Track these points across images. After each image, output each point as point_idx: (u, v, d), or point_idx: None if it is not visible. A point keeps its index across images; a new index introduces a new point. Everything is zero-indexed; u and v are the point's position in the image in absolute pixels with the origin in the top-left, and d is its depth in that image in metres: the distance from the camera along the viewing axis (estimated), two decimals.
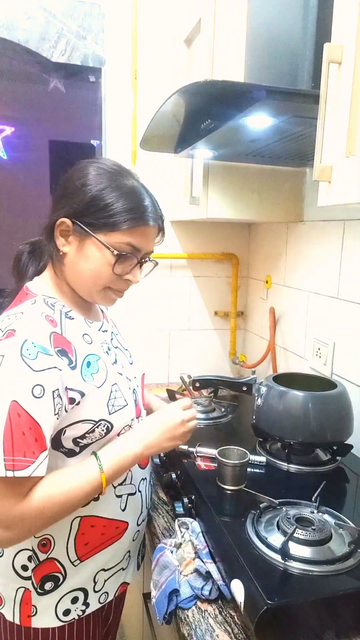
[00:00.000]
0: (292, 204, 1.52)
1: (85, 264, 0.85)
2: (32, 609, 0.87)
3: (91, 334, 0.91)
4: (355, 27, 0.67)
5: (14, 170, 1.73)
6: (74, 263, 0.86)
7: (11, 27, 1.56)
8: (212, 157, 1.35)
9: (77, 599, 0.90)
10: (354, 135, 0.69)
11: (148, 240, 0.88)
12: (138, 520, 0.97)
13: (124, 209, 0.82)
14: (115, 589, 0.96)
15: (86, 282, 0.87)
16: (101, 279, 0.86)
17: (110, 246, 0.83)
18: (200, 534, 0.90)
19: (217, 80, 0.88)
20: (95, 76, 1.72)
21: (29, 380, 0.74)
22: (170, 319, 1.90)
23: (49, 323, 0.81)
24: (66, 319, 0.86)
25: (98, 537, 0.90)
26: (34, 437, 0.74)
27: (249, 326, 1.98)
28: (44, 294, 0.87)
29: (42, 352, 0.76)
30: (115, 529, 0.92)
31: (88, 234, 0.83)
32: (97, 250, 0.83)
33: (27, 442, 0.74)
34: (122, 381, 0.91)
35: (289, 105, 0.89)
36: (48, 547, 0.86)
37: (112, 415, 0.86)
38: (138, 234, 0.84)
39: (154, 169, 1.74)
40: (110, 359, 0.92)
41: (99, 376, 0.85)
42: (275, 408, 1.09)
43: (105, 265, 0.84)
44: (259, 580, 0.71)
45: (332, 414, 1.08)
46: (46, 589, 0.87)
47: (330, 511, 0.88)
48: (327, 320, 1.38)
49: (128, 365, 0.99)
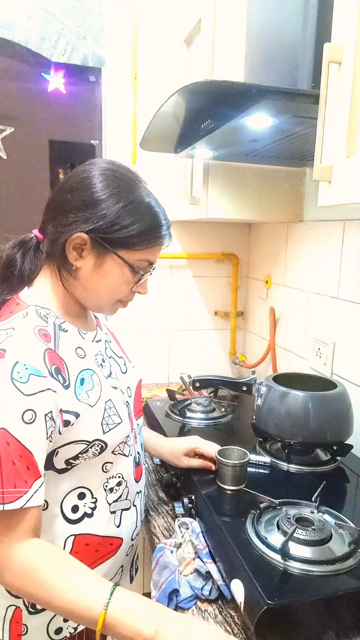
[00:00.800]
0: (292, 204, 1.52)
1: (103, 280, 0.83)
2: (22, 627, 0.83)
3: (85, 347, 0.87)
4: (355, 27, 0.67)
5: (14, 170, 1.73)
6: (89, 279, 0.83)
7: (11, 27, 1.56)
8: (212, 157, 1.35)
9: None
10: (354, 135, 0.69)
11: (159, 253, 0.88)
12: (132, 535, 0.94)
13: (149, 227, 0.82)
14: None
15: (101, 298, 0.86)
16: (118, 294, 0.86)
17: (133, 265, 0.83)
18: (200, 534, 0.90)
19: (217, 80, 0.88)
20: (95, 76, 1.72)
21: (19, 406, 0.70)
22: (170, 319, 1.90)
23: (42, 339, 0.77)
24: (60, 332, 0.83)
25: (92, 555, 0.86)
26: (26, 465, 0.70)
27: (249, 326, 1.98)
28: (36, 304, 0.82)
29: (34, 375, 0.72)
30: (110, 545, 0.89)
31: (109, 251, 0.81)
32: (117, 268, 0.82)
33: (18, 472, 0.70)
34: (116, 396, 0.88)
35: (289, 105, 0.89)
36: None
37: (106, 435, 0.82)
38: (155, 250, 0.86)
39: (154, 169, 1.74)
40: (104, 372, 0.89)
41: (94, 393, 0.82)
42: (275, 408, 1.09)
43: (125, 282, 0.84)
44: (259, 580, 0.71)
45: (332, 414, 1.08)
46: (38, 608, 0.83)
47: (330, 511, 0.88)
48: (327, 320, 1.38)
49: (121, 375, 0.95)
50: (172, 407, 1.41)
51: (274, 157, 1.32)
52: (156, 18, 1.67)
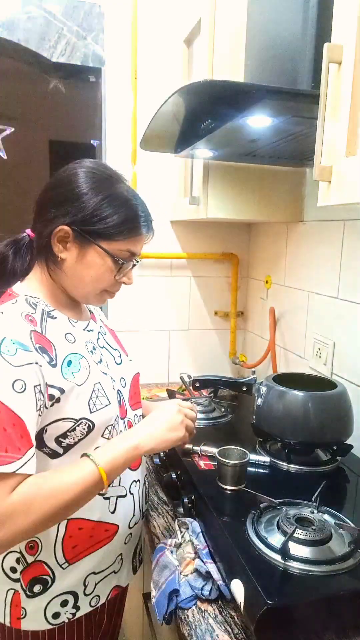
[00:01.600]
0: (292, 204, 1.52)
1: (87, 270, 0.87)
2: (21, 611, 0.87)
3: (74, 333, 0.90)
4: (355, 27, 0.67)
5: (14, 170, 1.73)
6: (74, 269, 0.87)
7: (11, 27, 1.56)
8: (212, 157, 1.35)
9: (67, 602, 0.89)
10: (354, 135, 0.69)
11: (142, 244, 0.92)
12: (130, 523, 0.96)
13: (126, 218, 0.86)
14: (107, 592, 0.95)
15: (86, 287, 0.89)
16: (102, 283, 0.89)
17: (112, 254, 0.86)
18: (200, 534, 0.90)
19: (217, 80, 0.88)
20: (95, 76, 1.72)
21: (8, 376, 0.74)
22: (170, 319, 1.91)
23: (28, 322, 0.81)
24: (48, 318, 0.87)
25: (86, 540, 0.89)
26: (19, 433, 0.73)
27: (249, 326, 1.98)
28: (26, 294, 0.88)
29: (21, 349, 0.76)
30: (105, 531, 0.91)
31: (91, 242, 0.85)
32: (99, 258, 0.86)
33: (10, 438, 0.72)
34: (105, 381, 0.91)
35: (289, 105, 0.89)
36: (35, 550, 0.85)
37: (93, 414, 0.85)
38: (135, 241, 0.89)
39: (154, 169, 1.74)
40: (94, 358, 0.92)
41: (80, 375, 0.85)
42: (275, 408, 1.09)
43: (107, 271, 0.88)
44: (259, 580, 0.71)
45: (332, 414, 1.08)
46: (35, 591, 0.86)
47: (330, 511, 0.88)
48: (327, 320, 1.38)
49: (114, 366, 0.98)
50: None
51: (274, 157, 1.32)
52: (156, 18, 1.67)
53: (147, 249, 1.75)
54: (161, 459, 1.20)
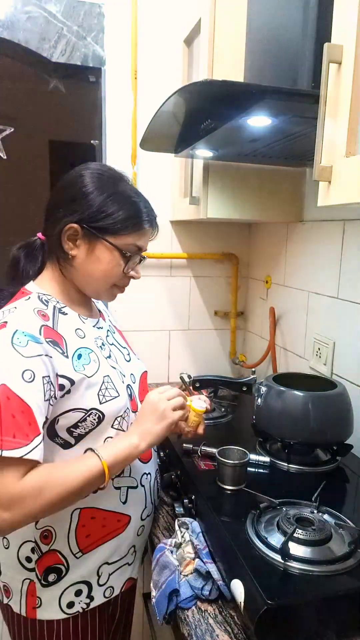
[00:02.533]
0: (292, 204, 1.52)
1: (96, 265, 0.91)
2: (36, 600, 0.89)
3: (84, 329, 0.94)
4: (355, 27, 0.67)
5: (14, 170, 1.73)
6: (84, 265, 0.91)
7: (11, 27, 1.56)
8: (212, 157, 1.34)
9: (81, 592, 0.91)
10: (354, 135, 0.69)
11: (147, 239, 0.96)
12: (142, 515, 0.98)
13: (131, 213, 0.90)
14: (122, 584, 0.97)
15: (97, 282, 0.93)
16: (112, 278, 0.93)
17: (120, 248, 0.90)
18: (200, 534, 0.90)
19: (217, 80, 0.88)
20: (95, 76, 1.72)
21: (18, 365, 0.77)
22: (170, 319, 1.90)
23: (40, 317, 0.85)
24: (59, 314, 0.90)
25: (99, 530, 0.91)
26: (27, 420, 0.76)
27: (249, 326, 1.98)
28: (39, 291, 0.92)
29: (32, 341, 0.80)
30: (117, 522, 0.93)
31: (98, 237, 0.89)
32: (108, 252, 0.90)
33: (18, 425, 0.75)
34: (114, 374, 0.93)
35: (289, 105, 0.89)
36: (50, 539, 0.88)
37: (102, 405, 0.87)
38: (141, 235, 0.92)
39: (154, 169, 1.74)
40: (104, 353, 0.95)
41: (90, 367, 0.88)
42: (275, 408, 1.09)
43: (116, 265, 0.91)
44: (259, 580, 0.71)
45: (332, 414, 1.08)
46: (49, 580, 0.89)
47: (330, 511, 0.88)
48: (327, 320, 1.38)
49: (124, 362, 1.01)
50: None
51: (274, 157, 1.32)
52: (156, 18, 1.67)
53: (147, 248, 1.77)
54: (161, 459, 1.20)
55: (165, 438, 1.24)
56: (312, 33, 0.91)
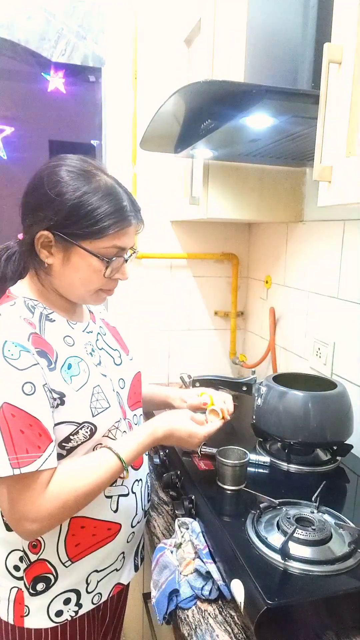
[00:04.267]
0: (292, 204, 1.52)
1: (74, 273, 0.84)
2: (24, 609, 0.87)
3: (74, 336, 0.90)
4: (355, 27, 0.67)
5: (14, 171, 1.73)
6: (62, 274, 0.85)
7: (11, 27, 1.56)
8: (212, 157, 1.35)
9: (70, 600, 0.89)
10: (354, 135, 0.69)
11: (131, 237, 0.87)
12: (132, 522, 0.96)
13: (106, 213, 0.81)
14: (109, 590, 0.96)
15: (78, 290, 0.87)
16: (92, 284, 0.86)
17: (98, 254, 0.83)
18: (200, 534, 0.90)
19: (217, 80, 0.88)
20: (95, 76, 1.72)
21: (17, 380, 0.75)
22: (170, 319, 1.90)
23: (28, 325, 0.81)
24: (46, 322, 0.86)
25: (89, 539, 0.89)
26: (37, 432, 0.76)
27: (249, 326, 1.98)
28: (25, 296, 0.87)
29: (24, 351, 0.77)
30: (107, 530, 0.91)
31: (72, 244, 0.82)
32: (83, 260, 0.83)
33: (29, 439, 0.74)
34: (105, 383, 0.90)
35: (289, 105, 0.89)
36: (38, 548, 0.86)
37: (95, 418, 0.85)
38: (122, 234, 0.84)
39: (154, 169, 1.74)
40: (94, 360, 0.91)
41: (79, 379, 0.85)
42: (275, 408, 1.09)
43: (95, 272, 0.84)
44: (259, 580, 0.71)
45: (332, 414, 1.08)
46: (38, 589, 0.87)
47: (330, 511, 0.88)
48: (327, 320, 1.38)
49: (113, 367, 0.97)
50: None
51: (274, 157, 1.32)
52: (156, 18, 1.67)
53: (147, 248, 1.77)
54: (161, 459, 1.20)
55: None
56: (312, 33, 0.91)
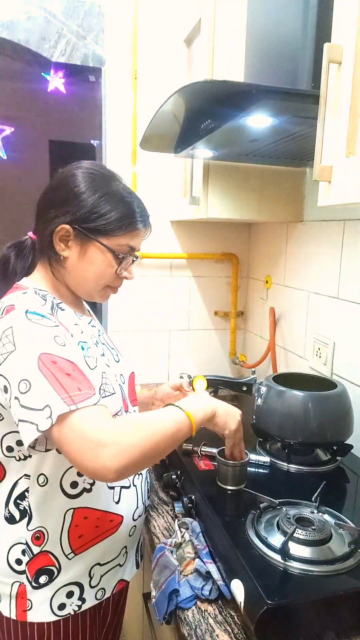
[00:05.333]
0: (292, 204, 1.52)
1: (89, 266, 0.90)
2: (27, 603, 0.88)
3: (81, 325, 0.94)
4: (355, 27, 0.67)
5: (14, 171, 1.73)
6: (76, 266, 0.90)
7: (11, 27, 1.56)
8: (212, 157, 1.34)
9: (73, 594, 0.90)
10: (354, 135, 0.69)
11: (140, 239, 0.95)
12: (134, 515, 0.98)
13: (124, 213, 0.89)
14: (113, 585, 0.96)
15: (89, 283, 0.92)
16: (104, 279, 0.92)
17: (113, 249, 0.89)
18: (200, 534, 0.90)
19: (217, 80, 0.88)
20: (95, 76, 1.72)
21: (47, 334, 0.77)
22: (170, 319, 1.90)
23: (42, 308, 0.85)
24: (58, 309, 0.91)
25: (92, 530, 0.90)
26: (82, 375, 0.77)
27: (249, 326, 1.98)
28: (34, 287, 0.91)
29: (45, 317, 0.81)
30: (110, 522, 0.92)
31: (91, 239, 0.88)
32: (100, 254, 0.89)
33: (78, 379, 0.75)
34: (109, 371, 0.94)
35: (289, 105, 0.89)
36: (42, 540, 0.87)
37: (103, 399, 0.85)
38: (134, 235, 0.92)
39: (154, 169, 1.74)
40: (99, 351, 0.95)
41: (91, 360, 0.88)
42: (275, 408, 1.09)
43: (108, 266, 0.91)
44: (259, 580, 0.71)
45: (332, 414, 1.08)
46: (41, 582, 0.87)
47: (330, 511, 0.88)
48: (327, 320, 1.38)
49: (114, 363, 1.01)
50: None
51: (274, 157, 1.32)
52: (156, 18, 1.67)
53: (147, 248, 1.77)
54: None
55: None
56: (312, 33, 0.91)
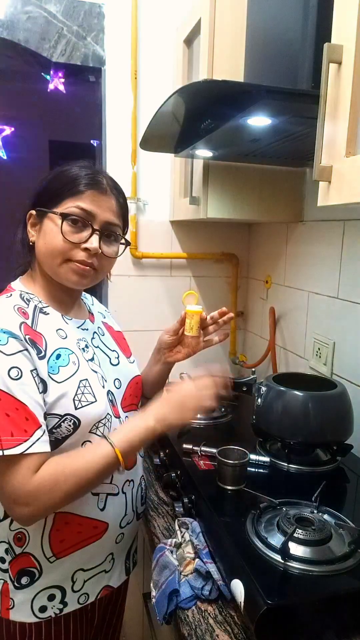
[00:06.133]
0: (292, 204, 1.52)
1: (44, 240, 0.88)
2: (10, 601, 0.88)
3: (67, 330, 0.91)
4: (355, 27, 0.67)
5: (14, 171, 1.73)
6: (39, 245, 0.90)
7: (11, 27, 1.56)
8: (212, 157, 1.34)
9: (54, 597, 0.89)
10: (353, 135, 0.69)
11: (100, 206, 0.88)
12: (121, 523, 0.96)
13: (72, 178, 0.87)
14: (97, 591, 0.95)
15: (47, 258, 0.88)
16: (56, 249, 0.86)
17: (60, 212, 0.86)
18: (200, 534, 0.90)
19: (217, 80, 0.88)
20: (95, 76, 1.72)
21: (3, 364, 0.76)
22: (170, 319, 1.90)
23: (20, 315, 0.83)
24: (40, 314, 0.88)
25: (74, 535, 0.89)
26: (23, 416, 0.76)
27: (249, 326, 1.98)
28: (22, 289, 0.90)
29: (12, 337, 0.78)
30: (93, 528, 0.91)
31: (44, 212, 0.88)
32: (51, 223, 0.87)
33: (14, 422, 0.75)
34: (94, 378, 0.90)
35: (289, 105, 0.89)
36: (23, 542, 0.87)
37: (78, 411, 0.84)
38: (87, 197, 0.87)
39: (154, 169, 1.74)
40: (86, 355, 0.92)
41: (67, 369, 0.85)
42: (275, 408, 1.09)
43: (58, 232, 0.86)
44: (259, 580, 0.71)
45: (332, 414, 1.08)
46: (22, 583, 0.88)
47: (330, 511, 0.88)
48: (327, 320, 1.38)
49: (109, 366, 0.98)
50: None
51: (274, 157, 1.32)
52: (156, 18, 1.67)
53: (147, 248, 1.77)
54: (161, 459, 1.20)
55: (165, 437, 1.25)
56: (312, 33, 0.91)
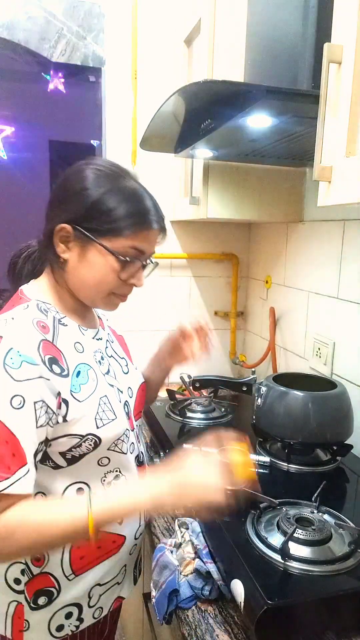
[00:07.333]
0: (292, 204, 1.52)
1: (88, 271, 0.82)
2: (24, 623, 0.84)
3: (84, 343, 0.87)
4: (355, 27, 0.67)
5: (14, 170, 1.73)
6: (76, 270, 0.83)
7: (11, 27, 1.56)
8: (212, 157, 1.34)
9: (71, 614, 0.87)
10: (354, 135, 0.69)
11: (151, 242, 0.86)
12: (135, 534, 0.94)
13: (127, 213, 0.80)
14: (110, 603, 0.94)
15: (90, 289, 0.84)
16: (106, 285, 0.84)
17: (115, 252, 0.80)
18: (200, 534, 0.89)
19: (217, 80, 0.88)
20: (95, 76, 1.72)
21: (7, 391, 0.71)
22: (170, 319, 1.90)
23: (39, 330, 0.78)
24: (60, 326, 0.84)
25: (94, 551, 0.87)
26: (11, 451, 0.70)
27: (249, 326, 1.98)
28: (38, 298, 0.84)
29: (27, 362, 0.73)
30: (112, 542, 0.89)
31: (90, 240, 0.80)
32: (100, 257, 0.81)
33: (1, 456, 0.69)
34: (112, 393, 0.87)
35: (289, 105, 0.89)
36: (42, 562, 0.83)
37: (100, 430, 0.81)
38: (142, 237, 0.83)
39: (154, 169, 1.74)
40: (102, 369, 0.89)
41: (88, 387, 0.82)
42: (275, 408, 1.09)
43: (110, 271, 0.82)
44: (259, 580, 0.71)
45: (332, 414, 1.08)
46: (39, 603, 0.84)
47: (330, 511, 0.88)
48: (327, 320, 1.38)
49: (122, 375, 0.96)
50: (172, 407, 1.41)
51: (274, 157, 1.32)
52: (156, 18, 1.67)
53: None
54: (161, 459, 1.20)
55: (165, 437, 1.25)
56: (312, 33, 0.91)
